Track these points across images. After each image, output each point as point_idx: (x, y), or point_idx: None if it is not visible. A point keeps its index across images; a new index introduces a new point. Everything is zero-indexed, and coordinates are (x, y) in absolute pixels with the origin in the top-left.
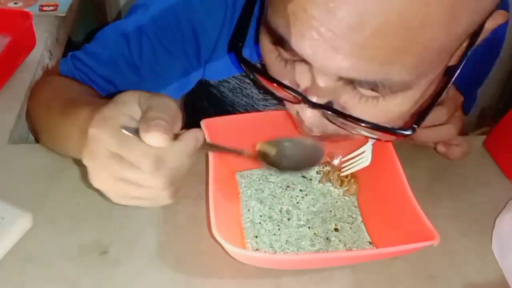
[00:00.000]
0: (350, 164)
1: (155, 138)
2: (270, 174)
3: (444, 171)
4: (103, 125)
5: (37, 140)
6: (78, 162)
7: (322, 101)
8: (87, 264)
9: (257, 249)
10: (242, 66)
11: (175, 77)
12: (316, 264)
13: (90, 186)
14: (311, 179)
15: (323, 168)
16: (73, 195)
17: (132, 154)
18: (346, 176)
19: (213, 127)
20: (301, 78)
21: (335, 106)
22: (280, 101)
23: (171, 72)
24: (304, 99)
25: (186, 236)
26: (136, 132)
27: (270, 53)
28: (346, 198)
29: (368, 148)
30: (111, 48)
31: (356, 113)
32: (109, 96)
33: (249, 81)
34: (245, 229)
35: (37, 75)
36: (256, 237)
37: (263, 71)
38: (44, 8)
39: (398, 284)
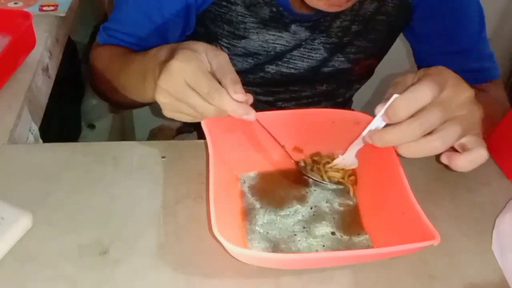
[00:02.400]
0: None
1: (240, 97)
2: (272, 174)
3: (444, 171)
4: (185, 61)
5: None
6: (78, 162)
7: None
8: (87, 264)
9: (257, 249)
10: None
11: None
12: (316, 264)
13: (90, 186)
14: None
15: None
16: (73, 195)
17: (208, 90)
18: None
19: (213, 126)
20: None
21: None
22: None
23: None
24: None
25: (186, 236)
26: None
27: None
28: (346, 198)
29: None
30: (131, 8)
31: None
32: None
33: (225, 3)
34: (245, 228)
35: (37, 75)
36: (256, 236)
37: None
38: (44, 8)
39: (398, 284)
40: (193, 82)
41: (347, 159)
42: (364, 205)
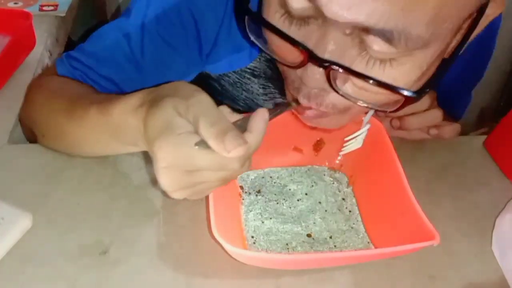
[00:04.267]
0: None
1: (238, 151)
2: (270, 175)
3: (444, 171)
4: (171, 156)
5: (31, 141)
6: (78, 162)
7: (329, 58)
8: (87, 264)
9: (257, 249)
10: (247, 20)
11: (177, 72)
12: (316, 264)
13: (90, 186)
14: (312, 179)
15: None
16: (73, 195)
17: (210, 168)
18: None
19: None
20: (309, 36)
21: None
22: (281, 92)
23: (173, 67)
24: (311, 55)
25: (186, 236)
26: (201, 144)
27: (275, 14)
28: (346, 198)
29: (362, 132)
30: (111, 47)
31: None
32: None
33: (249, 76)
34: (245, 229)
35: (37, 75)
36: (256, 237)
37: (271, 24)
38: (44, 8)
39: (398, 284)
40: (193, 168)
41: (358, 142)
42: (364, 205)
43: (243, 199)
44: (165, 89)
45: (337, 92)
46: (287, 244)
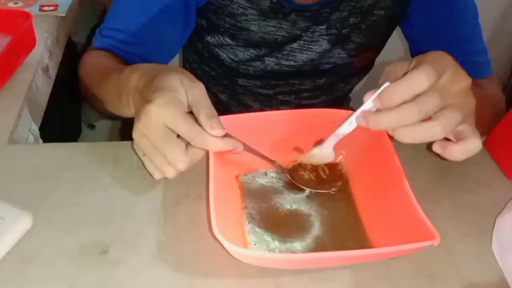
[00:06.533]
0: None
1: (218, 132)
2: (271, 175)
3: (444, 171)
4: (164, 105)
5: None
6: (78, 162)
7: None
8: (87, 264)
9: (257, 249)
10: None
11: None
12: (316, 264)
13: (90, 186)
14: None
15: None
16: (73, 195)
17: (188, 130)
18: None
19: None
20: None
21: None
22: (259, 7)
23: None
24: None
25: (186, 236)
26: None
27: None
28: (347, 198)
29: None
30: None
31: None
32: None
33: None
34: (245, 228)
35: (37, 75)
36: (257, 237)
37: None
38: (44, 8)
39: (398, 284)
40: (172, 126)
41: (325, 151)
42: (364, 205)
43: (243, 199)
44: (174, 68)
45: None
46: (287, 244)
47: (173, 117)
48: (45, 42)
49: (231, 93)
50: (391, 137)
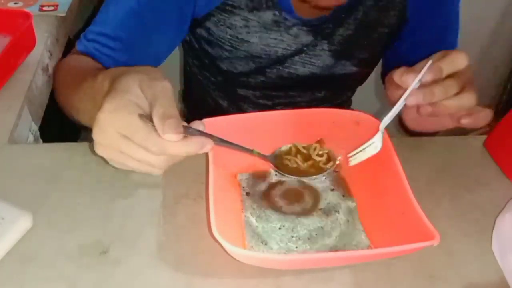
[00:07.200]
0: (357, 153)
1: (171, 137)
2: (271, 175)
3: (444, 171)
4: (113, 112)
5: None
6: (78, 162)
7: None
8: (87, 264)
9: (257, 249)
10: None
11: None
12: (316, 264)
13: (90, 186)
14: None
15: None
16: (73, 195)
17: (143, 140)
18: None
19: (213, 126)
20: None
21: None
22: (261, 24)
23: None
24: None
25: (186, 236)
26: (146, 118)
27: None
28: (346, 198)
29: (378, 137)
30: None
31: None
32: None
33: (230, 8)
34: (245, 228)
35: (37, 75)
36: (256, 237)
37: None
38: (44, 8)
39: (398, 284)
40: (125, 133)
41: (376, 147)
42: (364, 205)
43: (243, 199)
44: (141, 67)
45: None
46: (287, 244)
47: (123, 124)
48: (45, 42)
49: (230, 100)
50: (390, 137)
